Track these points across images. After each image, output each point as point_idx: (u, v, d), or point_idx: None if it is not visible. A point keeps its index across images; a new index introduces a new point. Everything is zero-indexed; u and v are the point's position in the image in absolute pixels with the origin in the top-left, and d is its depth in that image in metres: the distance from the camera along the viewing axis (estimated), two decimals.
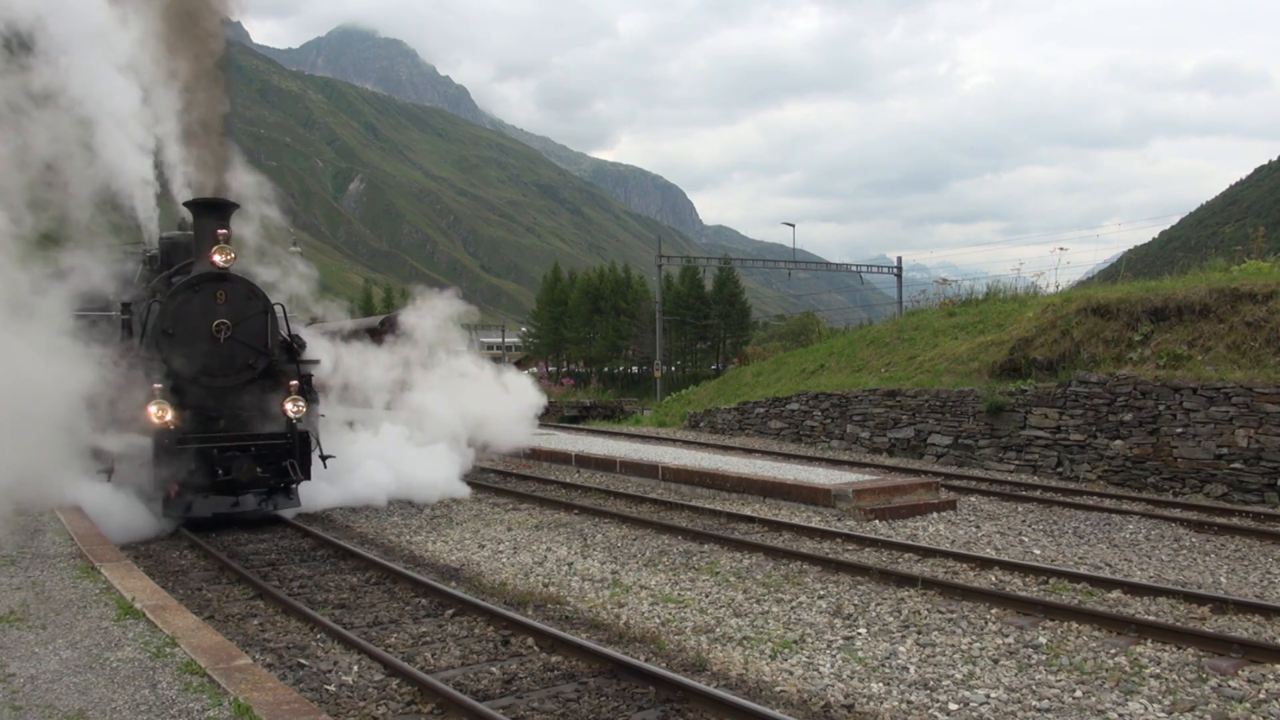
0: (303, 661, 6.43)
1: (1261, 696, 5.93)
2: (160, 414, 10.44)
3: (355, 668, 6.28)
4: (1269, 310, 14.34)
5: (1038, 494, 13.66)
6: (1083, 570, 9.11)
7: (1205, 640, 6.84)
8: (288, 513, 11.61)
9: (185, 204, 11.57)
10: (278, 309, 11.69)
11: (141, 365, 10.77)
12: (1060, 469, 15.30)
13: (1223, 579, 9.05)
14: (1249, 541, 10.64)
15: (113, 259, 14.01)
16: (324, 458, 11.82)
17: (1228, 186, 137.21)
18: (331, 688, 5.92)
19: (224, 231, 11.05)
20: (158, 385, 10.51)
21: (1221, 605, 7.77)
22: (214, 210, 11.19)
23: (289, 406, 11.36)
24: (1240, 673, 6.31)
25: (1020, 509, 12.67)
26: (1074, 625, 7.35)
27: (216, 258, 10.96)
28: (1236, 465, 13.10)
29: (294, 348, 12.07)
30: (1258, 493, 12.86)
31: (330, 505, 12.74)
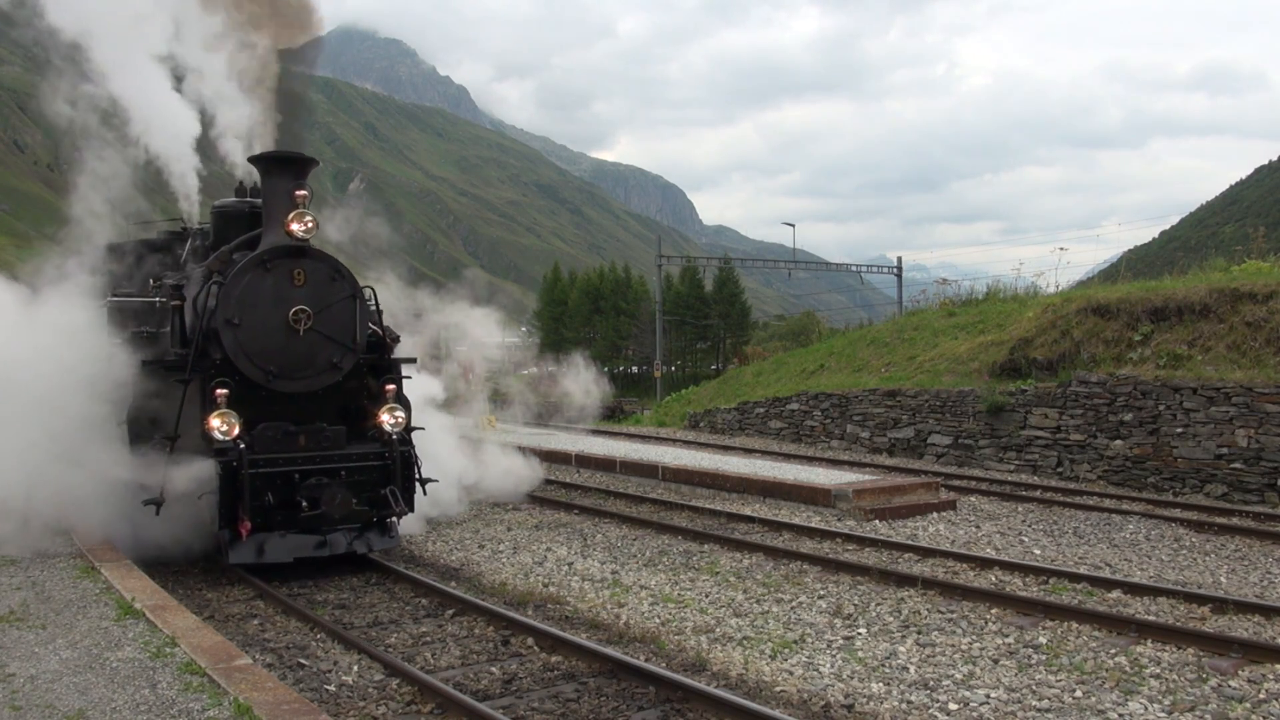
0: (303, 661, 6.43)
1: (1261, 696, 5.93)
2: (226, 428, 8.19)
3: (355, 668, 6.28)
4: (1269, 310, 14.34)
5: (1038, 494, 13.66)
6: (1083, 570, 9.11)
7: (1205, 640, 6.84)
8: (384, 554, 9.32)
9: (252, 159, 9.27)
10: (367, 292, 9.42)
11: (198, 365, 8.65)
12: (1060, 469, 15.30)
13: (1223, 579, 9.05)
14: (1249, 541, 10.64)
15: (149, 234, 11.98)
16: (423, 482, 9.37)
17: (1228, 186, 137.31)
18: (331, 688, 5.93)
19: (303, 193, 8.78)
20: (221, 390, 8.26)
21: (1221, 605, 7.77)
22: (288, 166, 8.95)
23: (385, 418, 9.05)
24: (1240, 673, 6.31)
25: (1020, 509, 12.67)
26: (1074, 625, 7.35)
27: (295, 226, 8.62)
28: (1236, 465, 13.10)
29: (386, 342, 9.74)
30: (1258, 493, 12.86)
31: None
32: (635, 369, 72.95)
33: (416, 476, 9.26)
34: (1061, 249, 24.95)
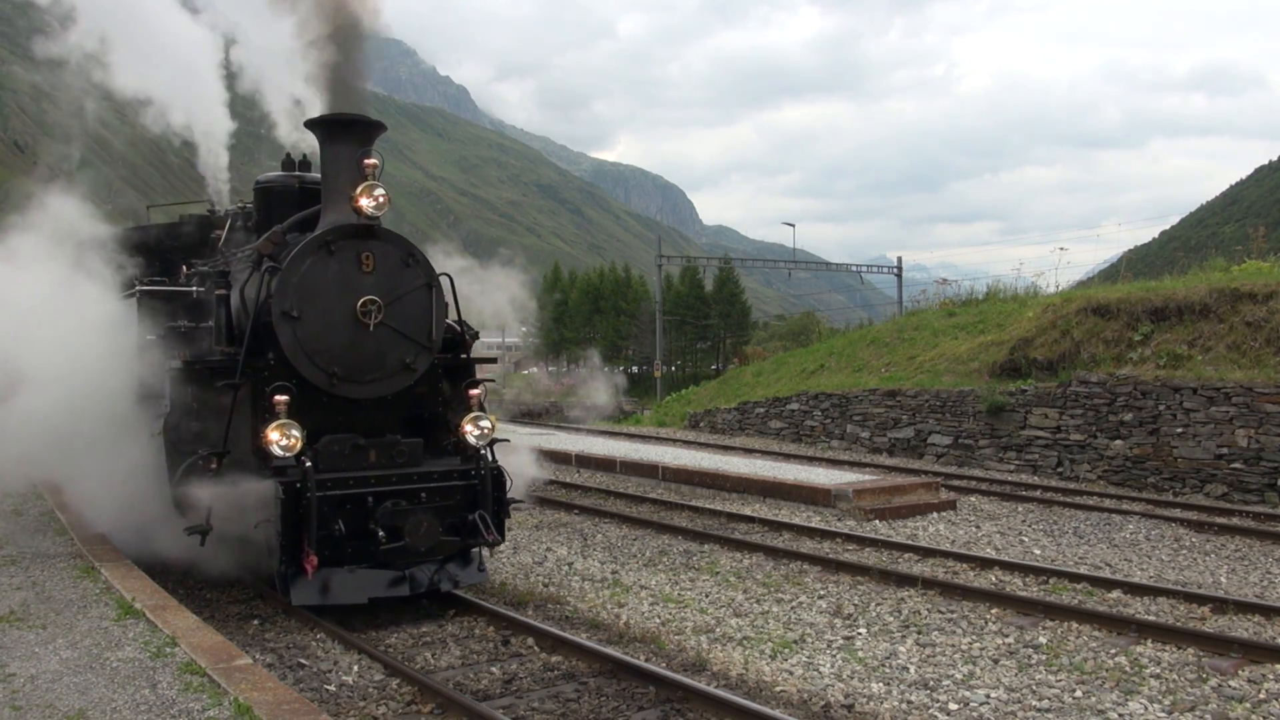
0: (303, 661, 6.43)
1: (1261, 696, 5.94)
2: (287, 442, 6.89)
3: (355, 668, 6.28)
4: (1269, 310, 14.34)
5: (1038, 494, 13.66)
6: (1083, 570, 9.11)
7: (1205, 640, 6.85)
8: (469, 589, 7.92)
9: (309, 123, 7.84)
10: (443, 280, 7.98)
11: (249, 366, 7.27)
12: (1060, 469, 15.30)
13: (1223, 579, 9.06)
14: (1249, 541, 10.64)
15: (178, 218, 10.66)
16: (509, 504, 8.01)
17: (1228, 186, 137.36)
18: (331, 688, 5.93)
19: (372, 162, 7.40)
20: (281, 397, 6.95)
21: (1221, 605, 7.78)
22: (353, 130, 7.56)
23: (470, 429, 7.74)
24: (1240, 673, 6.31)
25: (1020, 509, 12.67)
26: (1074, 625, 7.36)
27: (364, 201, 7.27)
28: (1236, 465, 13.10)
29: (465, 339, 8.42)
30: (1258, 493, 12.86)
31: None
32: (635, 369, 73.01)
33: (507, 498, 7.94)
34: (1061, 249, 25.02)
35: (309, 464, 6.88)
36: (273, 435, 6.86)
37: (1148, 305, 15.82)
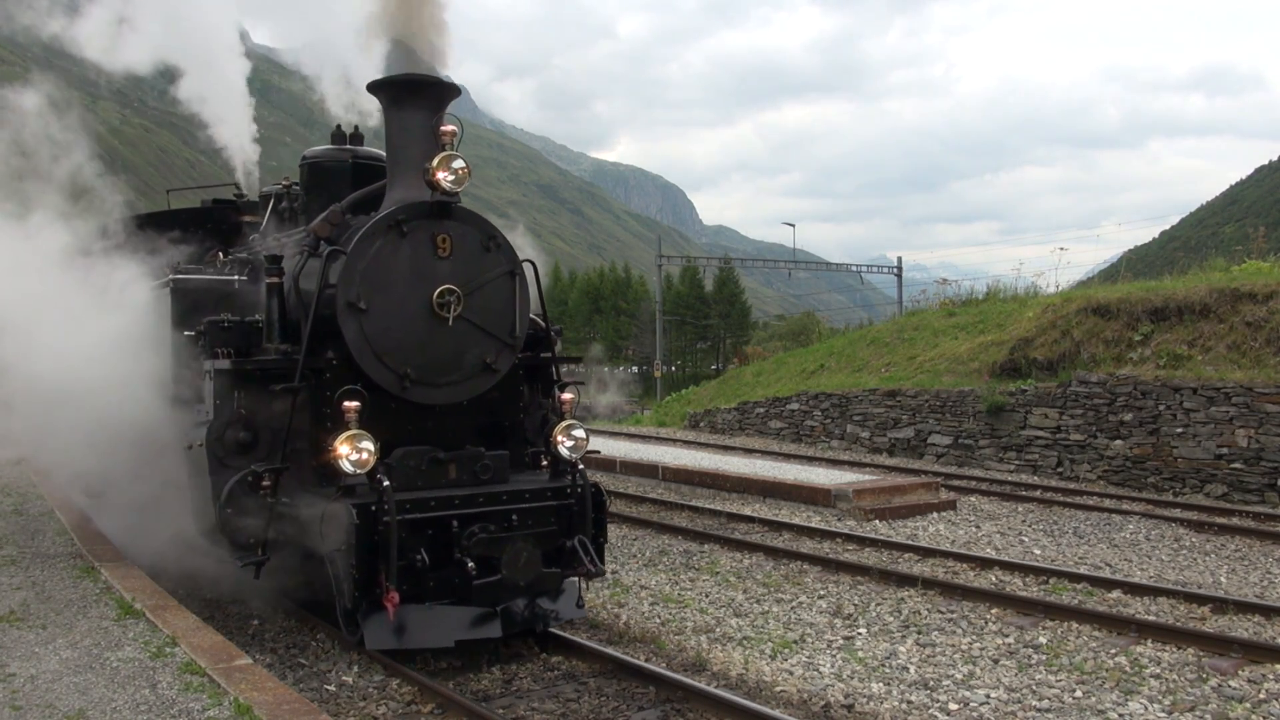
0: (302, 661, 6.43)
1: (1261, 696, 5.94)
2: (359, 455, 5.83)
3: (355, 668, 6.28)
4: (1269, 310, 14.34)
5: (1038, 494, 13.66)
6: (1083, 570, 9.11)
7: (1205, 640, 6.85)
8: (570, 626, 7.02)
9: (373, 86, 6.78)
10: (527, 268, 6.96)
11: (309, 367, 6.30)
12: (1060, 469, 15.30)
13: (1223, 579, 9.06)
14: (1249, 541, 10.64)
15: (200, 202, 9.99)
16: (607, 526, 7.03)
17: (1228, 186, 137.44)
18: (331, 687, 5.93)
19: (451, 129, 6.40)
20: (352, 404, 5.93)
21: (1221, 605, 7.78)
22: (425, 93, 6.62)
23: (563, 440, 6.69)
24: (1240, 673, 6.31)
25: (1020, 509, 12.67)
26: (1074, 625, 7.36)
27: (442, 174, 6.27)
28: (1236, 465, 13.10)
29: (551, 336, 7.45)
30: (1258, 493, 12.85)
31: None
32: (635, 369, 73.08)
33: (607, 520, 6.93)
34: (1061, 249, 25.07)
35: (386, 483, 5.81)
36: (343, 449, 5.81)
37: (1148, 305, 15.82)
